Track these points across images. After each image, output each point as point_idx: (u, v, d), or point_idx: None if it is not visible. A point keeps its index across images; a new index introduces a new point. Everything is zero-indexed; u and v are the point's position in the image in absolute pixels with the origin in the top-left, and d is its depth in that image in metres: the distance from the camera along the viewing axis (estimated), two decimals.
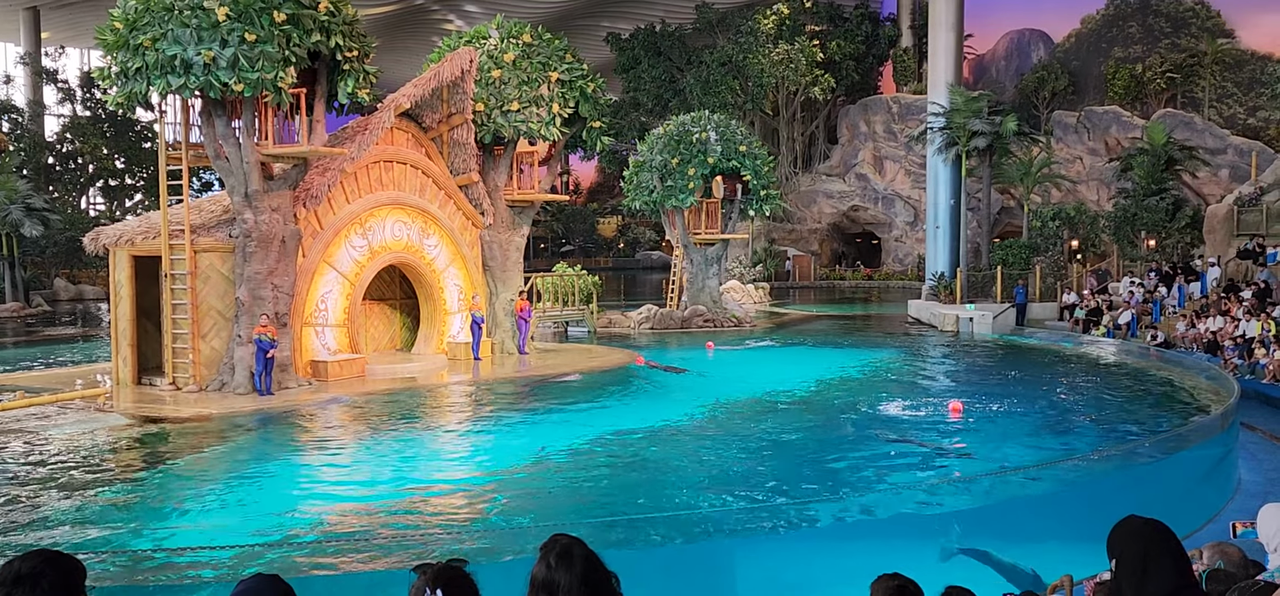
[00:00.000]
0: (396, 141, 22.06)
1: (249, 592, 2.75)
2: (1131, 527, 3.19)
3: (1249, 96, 51.70)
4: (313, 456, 14.62)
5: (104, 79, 18.23)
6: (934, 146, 39.10)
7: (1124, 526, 3.22)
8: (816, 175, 62.04)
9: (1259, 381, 19.60)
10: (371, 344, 24.03)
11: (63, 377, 20.78)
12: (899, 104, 59.27)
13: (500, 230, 25.03)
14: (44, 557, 2.49)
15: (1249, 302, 23.06)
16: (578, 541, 2.85)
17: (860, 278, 60.02)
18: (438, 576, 2.91)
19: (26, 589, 2.41)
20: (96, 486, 12.35)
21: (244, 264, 18.70)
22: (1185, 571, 3.05)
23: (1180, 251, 32.35)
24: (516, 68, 24.35)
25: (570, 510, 11.44)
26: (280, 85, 17.66)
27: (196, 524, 10.89)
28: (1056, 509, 10.75)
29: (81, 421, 16.26)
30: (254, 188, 18.47)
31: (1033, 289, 33.68)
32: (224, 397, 18.29)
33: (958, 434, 15.58)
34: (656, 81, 57.39)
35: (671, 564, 8.93)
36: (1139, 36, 56.49)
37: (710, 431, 15.82)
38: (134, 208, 60.92)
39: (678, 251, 34.82)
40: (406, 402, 18.68)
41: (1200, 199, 42.27)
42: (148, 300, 20.09)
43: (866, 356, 25.49)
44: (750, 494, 11.87)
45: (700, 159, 32.29)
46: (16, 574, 2.44)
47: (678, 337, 29.99)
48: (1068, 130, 52.89)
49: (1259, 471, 13.54)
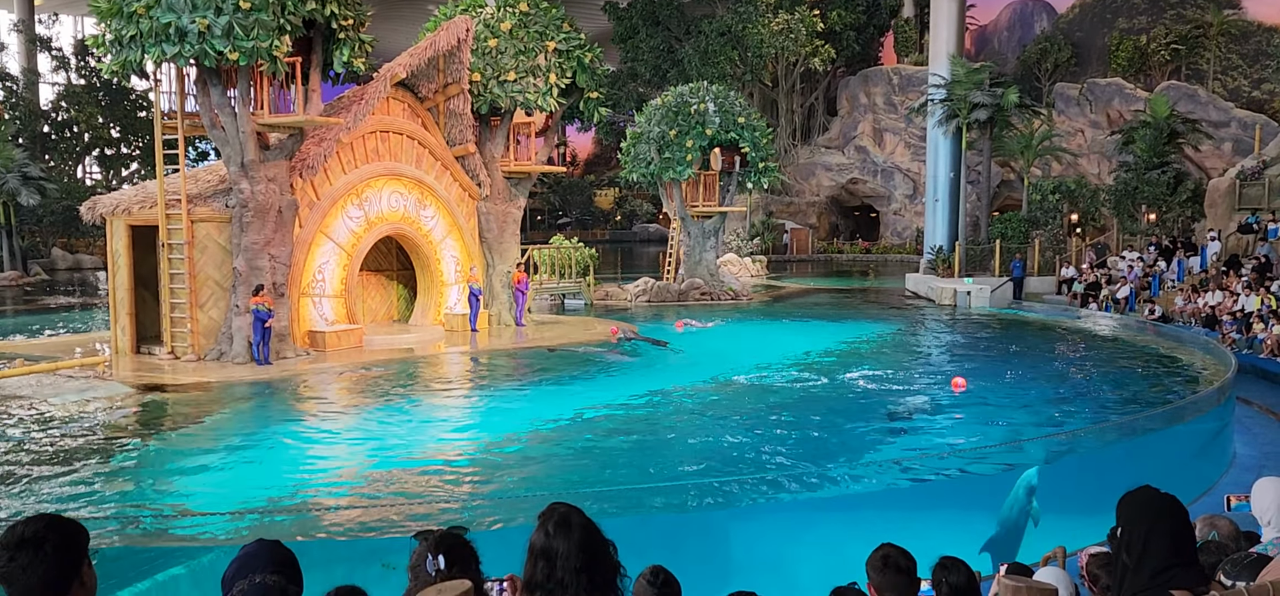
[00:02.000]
0: (393, 112, 21.97)
1: (250, 557, 2.75)
2: (1141, 499, 3.13)
3: (1254, 69, 51.41)
4: (311, 425, 14.67)
5: (98, 47, 18.12)
6: (934, 119, 38.96)
7: (1134, 496, 3.16)
8: (815, 147, 61.84)
9: (1257, 356, 19.66)
10: (368, 315, 24.05)
11: (61, 346, 20.80)
12: (899, 75, 58.97)
13: (497, 201, 24.99)
14: (46, 522, 2.49)
15: (1249, 277, 23.08)
16: (576, 509, 2.87)
17: (858, 251, 59.95)
18: (439, 543, 2.94)
19: (30, 552, 2.43)
20: (97, 453, 12.40)
21: (241, 234, 18.68)
22: (1183, 549, 3.00)
23: (1181, 225, 32.32)
24: (513, 37, 24.21)
25: (569, 479, 11.49)
26: (275, 54, 17.56)
27: (196, 490, 10.95)
28: (1052, 481, 10.80)
29: (81, 389, 16.29)
30: (250, 157, 18.41)
31: (1031, 263, 33.69)
32: (222, 367, 18.32)
33: (958, 407, 15.64)
34: (655, 52, 57.06)
35: (671, 532, 8.99)
36: (1143, 7, 56.07)
37: (709, 404, 15.86)
38: (130, 177, 60.72)
39: (675, 224, 34.78)
40: (404, 373, 18.72)
41: (1202, 172, 42.14)
42: (145, 269, 20.08)
43: (864, 330, 25.53)
44: (746, 464, 11.93)
45: (698, 130, 32.17)
46: (20, 538, 2.45)
47: (674, 310, 30.00)
48: (1069, 102, 52.68)
49: (1254, 446, 13.61)
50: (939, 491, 10.42)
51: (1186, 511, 3.11)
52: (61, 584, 2.45)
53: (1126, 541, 3.06)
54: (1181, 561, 2.96)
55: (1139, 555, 2.99)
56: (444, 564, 2.88)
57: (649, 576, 3.85)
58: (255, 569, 2.72)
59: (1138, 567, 2.99)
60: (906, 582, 3.52)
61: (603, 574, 2.79)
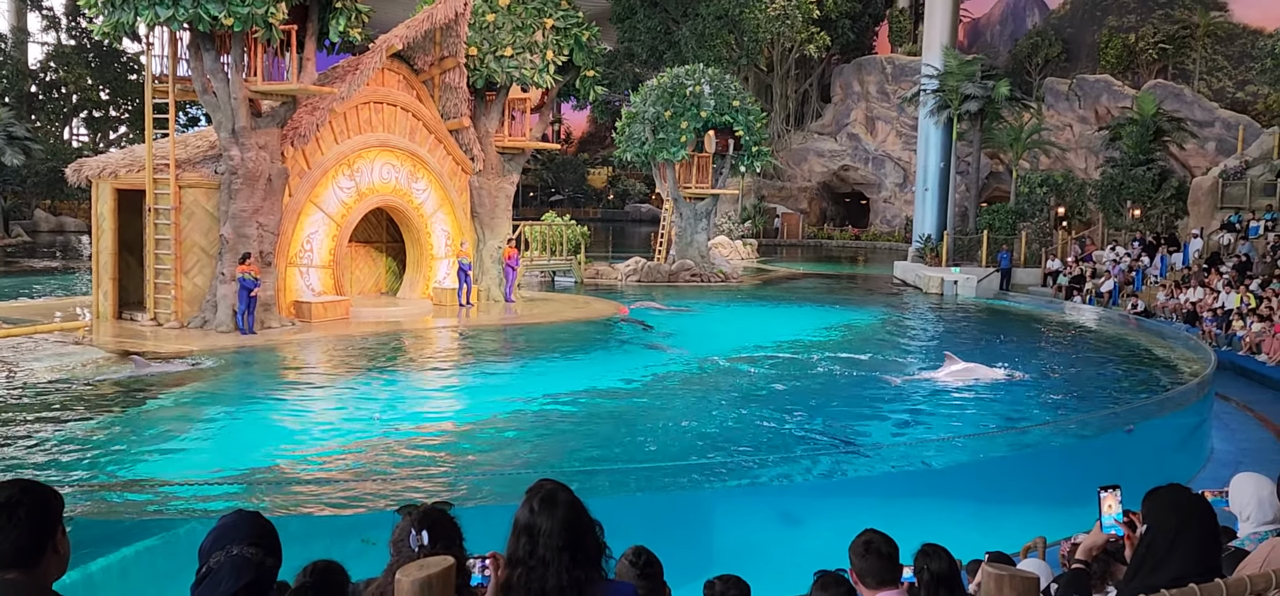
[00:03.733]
0: (387, 83, 21.84)
1: (229, 528, 2.72)
2: (1173, 499, 3.05)
3: (1238, 70, 51.74)
4: (295, 396, 14.62)
5: (90, 7, 17.88)
6: (926, 109, 39.01)
7: (1166, 494, 3.08)
8: (808, 133, 61.83)
9: (1235, 353, 19.82)
10: (356, 286, 23.96)
11: (42, 309, 20.64)
12: (893, 65, 58.98)
13: (490, 177, 24.90)
14: (19, 486, 2.42)
15: (1229, 275, 23.26)
16: (563, 487, 2.86)
17: (847, 237, 60.09)
18: (423, 519, 2.93)
19: (2, 518, 2.37)
20: (74, 419, 12.33)
21: (229, 201, 18.56)
22: (1208, 556, 2.94)
23: (1164, 222, 32.51)
24: (511, 12, 24.09)
25: (556, 456, 11.51)
26: (271, 21, 17.41)
27: (175, 459, 10.91)
28: (1032, 472, 10.90)
29: (59, 354, 16.14)
30: (241, 124, 18.28)
31: (1018, 254, 33.86)
32: (206, 335, 18.22)
33: (945, 395, 15.71)
34: (651, 33, 56.83)
35: (656, 512, 9.01)
36: (1133, 6, 56.33)
37: (695, 385, 15.89)
38: (118, 140, 60.22)
39: (667, 205, 34.75)
40: (391, 346, 18.67)
41: (1186, 170, 42.41)
42: (130, 234, 19.91)
43: (851, 316, 25.60)
44: (732, 446, 11.96)
45: (693, 112, 32.11)
46: None
47: (664, 291, 30.02)
48: (1059, 97, 52.82)
49: (1232, 441, 13.74)
50: (916, 479, 10.49)
51: (1216, 517, 3.06)
52: (34, 550, 2.38)
53: (1151, 539, 2.99)
54: (1209, 567, 2.90)
55: (1162, 555, 2.94)
56: (427, 539, 2.87)
57: (631, 556, 3.86)
58: (233, 540, 2.68)
59: (1159, 567, 2.92)
60: (888, 567, 3.55)
61: (586, 553, 2.78)
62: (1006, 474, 10.87)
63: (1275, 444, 13.74)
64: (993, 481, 10.63)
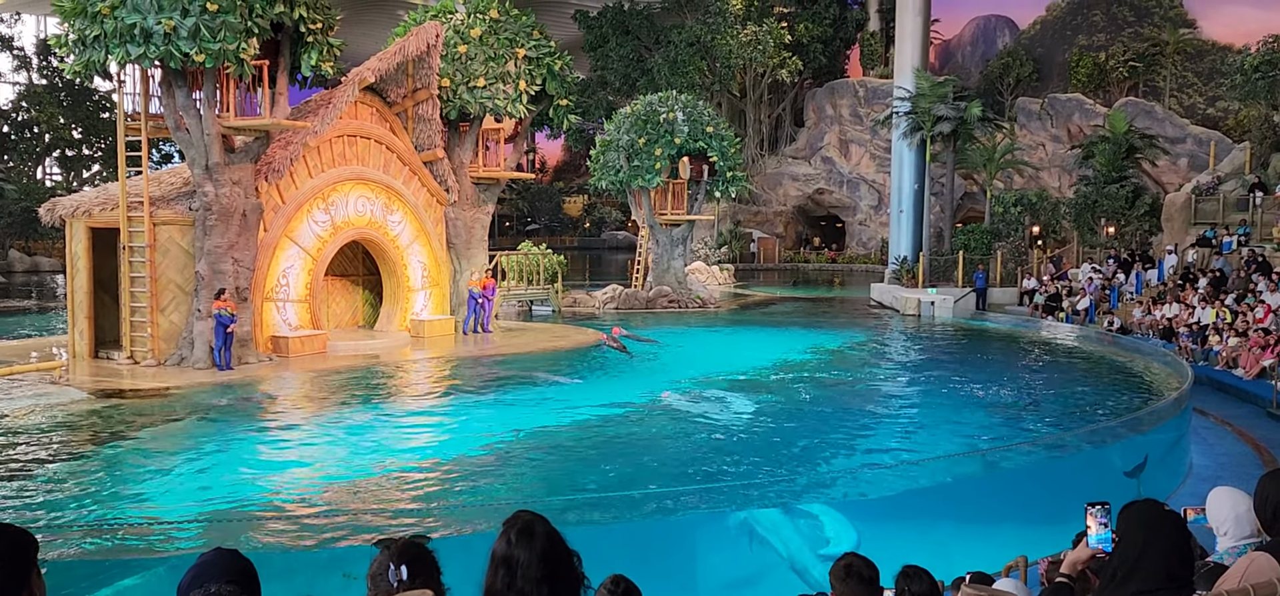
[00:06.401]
0: (361, 116, 21.81)
1: (207, 566, 2.70)
2: (1143, 514, 3.09)
3: (1209, 86, 52.43)
4: (272, 432, 14.49)
5: (61, 47, 17.83)
6: (899, 131, 39.33)
7: (1137, 509, 3.12)
8: (782, 158, 62.18)
9: (1212, 367, 20.00)
10: (333, 320, 23.82)
11: (17, 350, 20.39)
12: (865, 88, 59.46)
13: (465, 207, 24.87)
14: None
15: (1204, 290, 23.51)
16: (540, 518, 2.85)
17: (824, 260, 60.36)
18: (401, 553, 2.91)
19: None
20: (50, 460, 12.16)
21: (204, 237, 18.43)
22: (1176, 571, 2.97)
23: (1139, 239, 32.87)
24: (483, 43, 24.14)
25: (533, 488, 11.44)
26: (242, 56, 17.37)
27: (152, 499, 10.77)
28: (1011, 491, 10.93)
29: (36, 395, 15.96)
30: (215, 160, 18.19)
31: (994, 274, 34.11)
32: (183, 372, 18.05)
33: (919, 412, 15.77)
34: (624, 60, 57.09)
35: (634, 540, 8.97)
36: (1103, 25, 57.08)
37: (680, 412, 15.87)
38: (92, 179, 59.68)
39: (643, 231, 34.79)
40: (368, 380, 18.55)
41: (1159, 187, 42.87)
42: (105, 273, 19.72)
43: (828, 338, 25.66)
44: (712, 472, 11.94)
45: (667, 139, 32.23)
46: None
47: (642, 318, 30.01)
48: (1031, 117, 53.40)
49: (1210, 456, 13.84)
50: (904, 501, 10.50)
51: (1187, 530, 3.10)
52: (9, 593, 2.37)
53: (1122, 551, 3.06)
54: (1173, 583, 2.94)
55: (1130, 567, 2.98)
56: (406, 574, 2.85)
57: (610, 585, 3.83)
58: (211, 578, 2.66)
59: (1126, 578, 2.97)
60: (869, 591, 3.54)
61: (565, 584, 2.77)
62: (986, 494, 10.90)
63: (1253, 457, 13.85)
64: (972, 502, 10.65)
